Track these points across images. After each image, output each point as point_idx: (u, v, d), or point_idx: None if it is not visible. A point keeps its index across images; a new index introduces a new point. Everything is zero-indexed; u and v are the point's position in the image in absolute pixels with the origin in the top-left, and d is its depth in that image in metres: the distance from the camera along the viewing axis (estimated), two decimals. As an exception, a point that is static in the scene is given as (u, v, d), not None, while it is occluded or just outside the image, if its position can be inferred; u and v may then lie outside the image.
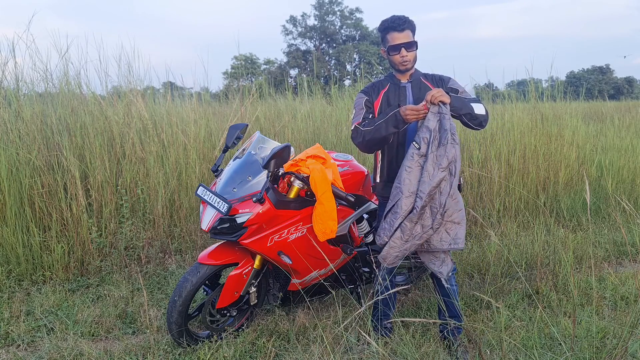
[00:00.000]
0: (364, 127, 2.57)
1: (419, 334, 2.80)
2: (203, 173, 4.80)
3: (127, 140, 4.50)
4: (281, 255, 2.79)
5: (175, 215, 4.55)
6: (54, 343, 2.84)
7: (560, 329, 2.72)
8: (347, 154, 3.45)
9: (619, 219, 4.43)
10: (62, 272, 3.85)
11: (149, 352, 2.78)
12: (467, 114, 2.47)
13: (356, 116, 2.67)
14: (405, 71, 2.64)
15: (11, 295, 3.54)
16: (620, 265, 4.21)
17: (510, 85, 8.16)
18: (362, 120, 2.62)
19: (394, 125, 2.46)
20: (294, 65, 42.10)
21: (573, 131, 6.14)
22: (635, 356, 2.28)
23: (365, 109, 2.66)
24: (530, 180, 5.53)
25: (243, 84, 8.22)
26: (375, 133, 2.51)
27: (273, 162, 2.60)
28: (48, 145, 4.20)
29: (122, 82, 4.97)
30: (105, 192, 4.22)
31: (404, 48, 2.55)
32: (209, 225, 2.69)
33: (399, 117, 2.43)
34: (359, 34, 44.75)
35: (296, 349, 2.72)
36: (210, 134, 5.15)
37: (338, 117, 6.34)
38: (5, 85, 4.41)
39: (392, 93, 2.66)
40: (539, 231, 4.14)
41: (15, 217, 3.84)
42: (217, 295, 2.87)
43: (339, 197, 2.88)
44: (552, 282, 3.53)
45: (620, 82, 45.79)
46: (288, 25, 45.79)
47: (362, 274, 3.29)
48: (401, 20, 2.56)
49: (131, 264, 4.05)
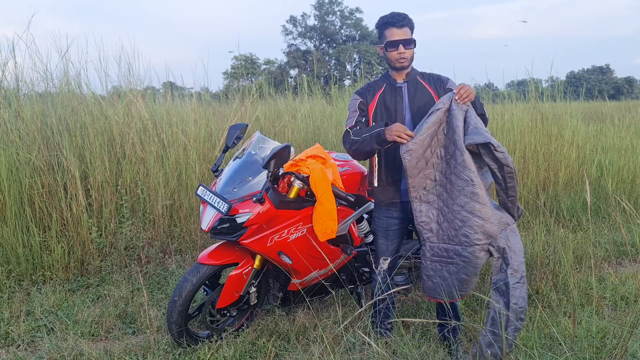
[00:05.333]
0: (353, 134, 2.53)
1: (419, 334, 2.80)
2: (203, 173, 4.80)
3: (127, 140, 4.50)
4: (281, 255, 2.79)
5: (175, 215, 4.55)
6: (54, 343, 2.84)
7: (560, 329, 2.72)
8: (347, 154, 3.45)
9: (619, 219, 4.44)
10: (62, 272, 3.85)
11: (149, 352, 2.78)
12: (481, 114, 2.47)
13: (349, 119, 2.64)
14: (401, 69, 2.59)
15: (11, 295, 3.54)
16: (620, 265, 4.21)
17: (510, 85, 8.15)
18: (355, 124, 2.58)
19: (377, 142, 2.42)
20: (294, 65, 42.08)
21: (573, 131, 6.14)
22: (635, 356, 2.27)
23: (358, 112, 2.62)
24: (530, 180, 5.53)
25: (243, 84, 8.22)
26: (360, 145, 2.48)
27: (273, 162, 2.59)
28: (48, 145, 4.20)
29: (122, 82, 4.98)
30: (105, 192, 4.22)
31: (402, 45, 2.53)
32: (209, 225, 2.69)
33: (382, 137, 2.39)
34: (359, 34, 44.73)
35: (296, 349, 2.72)
36: (210, 134, 5.15)
37: (338, 117, 6.34)
38: (5, 85, 4.41)
39: (388, 95, 2.62)
40: (539, 231, 4.13)
41: (15, 217, 3.84)
42: (217, 295, 2.87)
43: (339, 197, 2.88)
44: (552, 282, 3.53)
45: (620, 82, 45.74)
46: (288, 25, 45.79)
47: (362, 274, 3.29)
48: (400, 17, 2.54)
49: (131, 264, 4.05)
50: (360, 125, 2.58)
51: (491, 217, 2.34)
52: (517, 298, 2.33)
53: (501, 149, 2.28)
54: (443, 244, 2.45)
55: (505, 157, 2.29)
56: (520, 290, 2.34)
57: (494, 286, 2.41)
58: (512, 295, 2.32)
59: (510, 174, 2.33)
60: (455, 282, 2.44)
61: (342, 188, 2.88)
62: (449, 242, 2.43)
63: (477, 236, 2.33)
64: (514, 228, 2.44)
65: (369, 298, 3.31)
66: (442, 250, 2.46)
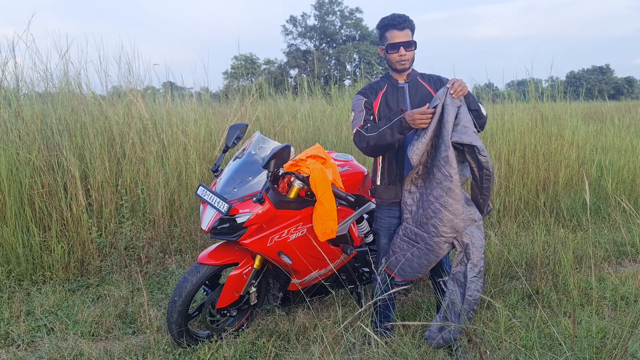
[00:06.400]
0: (367, 131, 2.50)
1: (419, 334, 2.80)
2: (203, 173, 4.80)
3: (127, 140, 4.50)
4: (281, 255, 2.79)
5: (175, 215, 4.55)
6: (54, 343, 2.84)
7: (560, 329, 2.72)
8: (347, 154, 3.45)
9: (619, 219, 4.44)
10: (62, 272, 3.85)
11: (149, 352, 2.78)
12: (475, 110, 2.48)
13: (356, 119, 2.61)
14: (402, 71, 2.61)
15: (11, 295, 3.54)
16: (620, 265, 4.21)
17: (510, 85, 8.14)
18: (364, 123, 2.56)
19: (400, 131, 2.42)
20: (294, 65, 42.08)
21: (573, 131, 6.14)
22: (635, 356, 2.28)
23: (365, 111, 2.60)
24: (530, 180, 5.53)
25: (243, 84, 8.21)
26: (380, 139, 2.46)
27: (273, 162, 2.59)
28: (48, 145, 4.20)
29: (122, 82, 4.98)
30: (105, 192, 4.22)
31: (403, 47, 2.53)
32: (209, 225, 2.69)
33: (404, 124, 2.39)
34: (359, 34, 44.73)
35: (296, 349, 2.72)
36: (210, 134, 5.15)
37: (338, 117, 6.34)
38: (5, 85, 4.41)
39: (390, 95, 2.63)
40: (539, 231, 4.13)
41: (15, 217, 3.84)
42: (217, 295, 2.87)
43: (339, 197, 2.88)
44: (552, 282, 3.53)
45: (620, 82, 45.73)
46: (288, 25, 45.80)
47: (362, 274, 3.29)
48: (401, 19, 2.55)
49: (131, 264, 4.05)
50: (370, 123, 2.56)
51: (461, 213, 2.46)
52: (472, 290, 2.49)
53: (484, 152, 2.38)
54: (415, 227, 2.56)
55: (487, 161, 2.40)
56: (477, 284, 2.50)
57: (453, 277, 2.56)
58: (468, 288, 2.48)
59: (487, 177, 2.44)
60: (416, 265, 2.58)
61: (342, 188, 2.88)
62: (419, 228, 2.54)
63: (444, 229, 2.46)
64: (480, 224, 2.57)
65: (369, 298, 3.31)
66: (412, 234, 2.57)
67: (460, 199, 2.45)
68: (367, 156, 2.91)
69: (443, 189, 2.41)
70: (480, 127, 2.55)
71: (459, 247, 2.51)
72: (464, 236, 2.49)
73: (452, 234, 2.47)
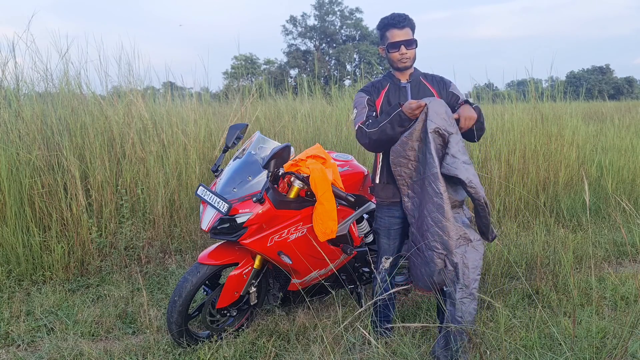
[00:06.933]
0: (368, 127, 2.52)
1: (419, 334, 2.80)
2: (203, 173, 4.80)
3: (127, 140, 4.50)
4: (281, 255, 2.79)
5: (175, 215, 4.55)
6: (54, 343, 2.84)
7: (560, 329, 2.72)
8: (347, 154, 3.45)
9: (619, 219, 4.44)
10: (62, 272, 3.85)
11: (149, 352, 2.78)
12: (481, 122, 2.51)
13: (359, 115, 2.62)
14: (404, 69, 2.62)
15: (11, 295, 3.54)
16: (620, 265, 4.21)
17: (510, 85, 8.15)
18: (366, 119, 2.57)
19: (399, 124, 2.43)
20: (294, 65, 42.09)
21: (573, 131, 6.14)
22: (635, 356, 2.27)
23: (367, 108, 2.61)
24: (530, 180, 5.53)
25: (243, 84, 8.22)
26: (381, 134, 2.47)
27: (273, 162, 2.60)
28: (48, 145, 4.20)
29: (122, 82, 4.98)
30: (105, 192, 4.22)
31: (404, 45, 2.54)
32: (209, 225, 2.69)
33: (403, 116, 2.41)
34: (359, 34, 44.74)
35: (296, 349, 2.72)
36: (210, 134, 5.15)
37: (338, 117, 6.33)
38: (5, 85, 4.40)
39: (393, 93, 2.64)
40: (539, 231, 4.14)
41: (15, 217, 3.84)
42: (217, 295, 2.87)
43: (339, 197, 2.88)
44: (552, 282, 3.53)
45: (620, 82, 45.71)
46: (288, 25, 45.82)
47: (362, 274, 3.29)
48: (401, 18, 2.56)
49: (131, 264, 4.05)
50: (372, 119, 2.57)
51: (451, 232, 2.38)
52: (462, 312, 2.37)
53: (472, 184, 2.35)
54: (418, 234, 2.52)
55: (477, 193, 2.37)
56: (468, 306, 2.38)
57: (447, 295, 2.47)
58: (457, 309, 2.38)
59: (481, 207, 2.41)
60: (419, 273, 2.54)
61: (342, 188, 2.88)
62: (420, 236, 2.50)
63: (435, 244, 2.41)
64: (478, 245, 2.47)
65: (369, 298, 3.31)
66: (417, 241, 2.53)
67: (450, 217, 2.38)
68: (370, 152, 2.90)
69: (434, 205, 2.38)
70: (479, 138, 2.59)
71: (450, 265, 2.43)
72: (454, 255, 2.39)
73: (443, 250, 2.41)
